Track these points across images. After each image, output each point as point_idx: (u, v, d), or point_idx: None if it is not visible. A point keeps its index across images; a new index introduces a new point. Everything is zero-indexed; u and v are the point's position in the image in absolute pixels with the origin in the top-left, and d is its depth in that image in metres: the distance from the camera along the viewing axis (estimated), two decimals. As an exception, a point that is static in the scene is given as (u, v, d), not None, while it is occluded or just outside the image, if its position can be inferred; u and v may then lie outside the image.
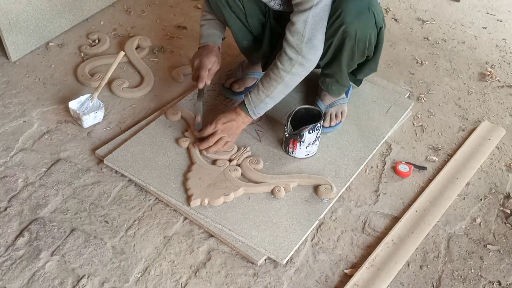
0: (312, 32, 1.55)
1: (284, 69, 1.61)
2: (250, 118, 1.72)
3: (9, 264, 1.43)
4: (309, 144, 1.71)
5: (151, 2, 2.54)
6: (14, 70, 2.07)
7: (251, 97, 1.68)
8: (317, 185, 1.65)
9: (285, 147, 1.76)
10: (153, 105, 1.97)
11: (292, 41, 1.57)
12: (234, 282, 1.43)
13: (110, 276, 1.42)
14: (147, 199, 1.62)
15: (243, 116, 1.71)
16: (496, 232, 1.61)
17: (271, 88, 1.64)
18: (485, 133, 1.93)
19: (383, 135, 1.86)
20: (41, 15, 2.14)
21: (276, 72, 1.62)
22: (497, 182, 1.77)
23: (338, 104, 1.89)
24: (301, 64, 1.60)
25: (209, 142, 1.71)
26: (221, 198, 1.58)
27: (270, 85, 1.64)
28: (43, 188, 1.63)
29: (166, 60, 2.19)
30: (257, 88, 1.67)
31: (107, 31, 2.32)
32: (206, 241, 1.52)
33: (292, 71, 1.60)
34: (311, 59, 1.60)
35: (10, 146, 1.76)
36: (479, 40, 2.46)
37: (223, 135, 1.71)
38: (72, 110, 1.83)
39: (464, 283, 1.47)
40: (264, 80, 1.66)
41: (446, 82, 2.19)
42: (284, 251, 1.48)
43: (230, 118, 1.71)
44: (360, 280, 1.44)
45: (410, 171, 1.75)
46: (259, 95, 1.66)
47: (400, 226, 1.59)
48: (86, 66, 2.08)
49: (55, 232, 1.51)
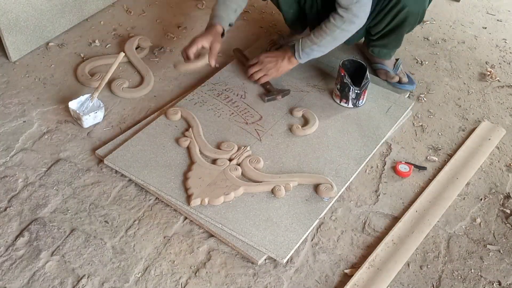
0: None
1: (335, 24, 1.76)
2: (295, 60, 1.88)
3: (9, 264, 1.43)
4: None
5: (151, 2, 2.54)
6: (14, 70, 2.07)
7: (302, 40, 1.85)
8: (317, 184, 1.65)
9: (355, 102, 1.93)
10: (153, 105, 1.97)
11: (342, 2, 1.72)
12: (234, 282, 1.43)
13: (110, 276, 1.42)
14: (147, 199, 1.62)
15: (289, 55, 1.88)
16: (496, 232, 1.61)
17: (321, 38, 1.80)
18: (485, 133, 1.93)
19: (383, 134, 1.86)
20: (41, 15, 2.14)
21: (329, 25, 1.77)
22: (497, 182, 1.77)
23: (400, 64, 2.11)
24: (352, 21, 1.75)
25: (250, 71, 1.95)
26: (221, 198, 1.58)
27: (320, 35, 1.80)
28: (43, 188, 1.63)
29: (166, 60, 2.19)
30: (309, 35, 1.84)
31: (107, 31, 2.32)
32: (206, 241, 1.52)
33: (343, 27, 1.76)
34: (361, 16, 1.75)
35: (10, 146, 1.76)
36: (479, 40, 2.46)
37: (261, 67, 1.92)
38: (72, 110, 1.83)
39: (464, 283, 1.47)
40: (316, 30, 1.82)
41: (446, 82, 2.19)
42: (285, 250, 1.48)
43: (276, 54, 1.92)
44: (360, 280, 1.44)
45: (410, 171, 1.75)
46: (309, 41, 1.83)
47: (400, 226, 1.59)
48: (86, 66, 2.08)
49: (55, 232, 1.51)
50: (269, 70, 1.92)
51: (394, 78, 2.08)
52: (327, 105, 1.97)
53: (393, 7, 1.87)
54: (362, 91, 1.90)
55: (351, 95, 1.91)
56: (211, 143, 1.78)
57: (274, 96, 1.95)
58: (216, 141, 1.79)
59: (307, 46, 1.83)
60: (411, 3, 1.86)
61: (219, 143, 1.77)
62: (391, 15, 1.90)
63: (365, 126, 1.89)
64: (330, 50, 1.87)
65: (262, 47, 2.23)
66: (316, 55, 1.88)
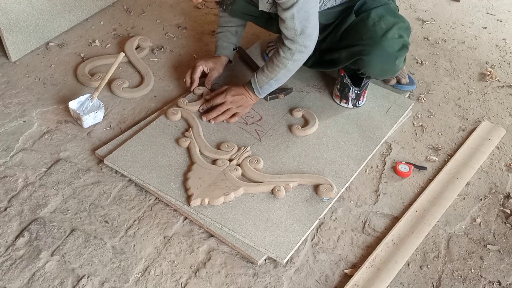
0: (303, 24, 1.66)
1: (285, 57, 1.73)
2: (256, 97, 1.85)
3: (9, 264, 1.43)
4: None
5: (151, 2, 2.54)
6: (14, 70, 2.07)
7: (257, 77, 1.81)
8: (317, 184, 1.65)
9: (355, 103, 1.94)
10: (153, 105, 1.97)
11: (287, 34, 1.69)
12: (234, 282, 1.43)
13: (110, 276, 1.42)
14: (147, 199, 1.62)
15: (250, 93, 1.84)
16: (496, 232, 1.61)
17: (275, 72, 1.77)
18: (485, 133, 1.93)
19: (383, 135, 1.86)
20: (41, 15, 2.14)
21: (279, 59, 1.75)
22: (497, 182, 1.77)
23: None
24: (300, 51, 1.72)
25: (217, 111, 1.84)
26: (221, 198, 1.58)
27: (274, 69, 1.77)
28: (43, 188, 1.63)
29: (166, 60, 2.19)
30: (263, 70, 1.80)
31: (107, 31, 2.32)
32: (206, 241, 1.52)
33: (293, 58, 1.73)
34: (308, 45, 1.72)
35: (10, 146, 1.76)
36: (479, 40, 2.46)
37: (231, 106, 1.84)
38: (72, 110, 1.83)
39: (464, 283, 1.47)
40: (268, 64, 1.78)
41: (446, 82, 2.19)
42: (285, 251, 1.48)
43: (240, 92, 1.85)
44: (360, 280, 1.44)
45: (410, 171, 1.75)
46: (264, 77, 1.80)
47: (400, 226, 1.59)
48: (86, 66, 2.08)
49: (55, 232, 1.51)
50: (238, 107, 1.85)
51: (391, 81, 2.08)
52: (327, 105, 1.97)
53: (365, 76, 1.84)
54: (362, 91, 1.90)
55: (351, 95, 1.91)
56: (211, 143, 1.78)
57: (276, 95, 1.95)
58: (216, 141, 1.79)
59: (265, 82, 1.80)
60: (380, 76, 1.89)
61: (219, 143, 1.77)
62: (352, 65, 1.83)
63: (365, 126, 1.89)
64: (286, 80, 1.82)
65: (262, 47, 2.23)
66: (274, 88, 1.84)
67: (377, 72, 1.81)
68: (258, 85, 1.81)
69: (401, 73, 2.08)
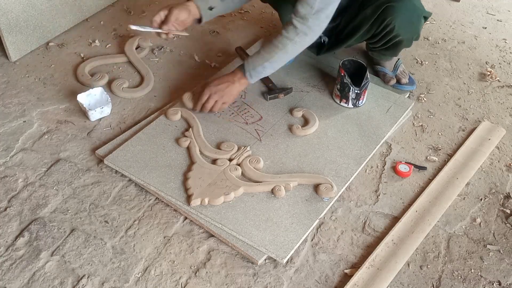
0: (322, 4, 1.61)
1: (288, 37, 1.67)
2: (246, 80, 1.77)
3: (9, 264, 1.43)
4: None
5: (151, 2, 2.54)
6: (14, 70, 2.07)
7: (251, 58, 1.75)
8: (317, 184, 1.65)
9: (355, 102, 1.93)
10: (153, 105, 1.97)
11: (301, 11, 1.63)
12: (234, 282, 1.43)
13: (110, 276, 1.42)
14: (147, 199, 1.62)
15: (239, 76, 1.77)
16: (496, 232, 1.61)
17: (272, 53, 1.70)
18: (485, 133, 1.93)
19: (383, 134, 1.86)
20: (41, 15, 2.14)
21: (280, 39, 1.68)
22: (497, 182, 1.77)
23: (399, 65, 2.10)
24: (305, 34, 1.66)
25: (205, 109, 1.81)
26: (221, 198, 1.58)
27: (271, 50, 1.70)
28: (43, 188, 1.63)
29: (166, 60, 2.19)
30: (258, 52, 1.74)
31: (107, 31, 2.32)
32: (206, 241, 1.52)
33: (295, 39, 1.67)
34: (315, 30, 1.67)
35: (10, 146, 1.76)
36: (479, 40, 2.46)
37: (216, 98, 1.79)
38: (80, 103, 1.86)
39: (464, 283, 1.47)
40: (266, 45, 1.72)
41: (446, 82, 2.19)
42: (285, 250, 1.48)
43: (224, 80, 1.79)
44: (360, 280, 1.44)
45: (410, 171, 1.75)
46: (259, 59, 1.73)
47: (400, 226, 1.59)
48: (86, 66, 2.08)
49: (55, 232, 1.51)
50: (222, 97, 1.79)
51: (391, 81, 2.07)
52: (327, 105, 1.97)
53: (386, 34, 1.89)
54: (362, 91, 1.90)
55: (351, 95, 1.91)
56: (211, 143, 1.78)
57: (276, 95, 1.95)
58: (216, 141, 1.79)
59: (258, 64, 1.73)
60: (404, 32, 1.88)
61: (219, 143, 1.77)
62: (385, 40, 1.93)
63: (365, 126, 1.89)
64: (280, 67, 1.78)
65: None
66: (267, 73, 1.78)
67: (404, 23, 1.83)
68: (251, 66, 1.74)
69: (401, 73, 2.09)
